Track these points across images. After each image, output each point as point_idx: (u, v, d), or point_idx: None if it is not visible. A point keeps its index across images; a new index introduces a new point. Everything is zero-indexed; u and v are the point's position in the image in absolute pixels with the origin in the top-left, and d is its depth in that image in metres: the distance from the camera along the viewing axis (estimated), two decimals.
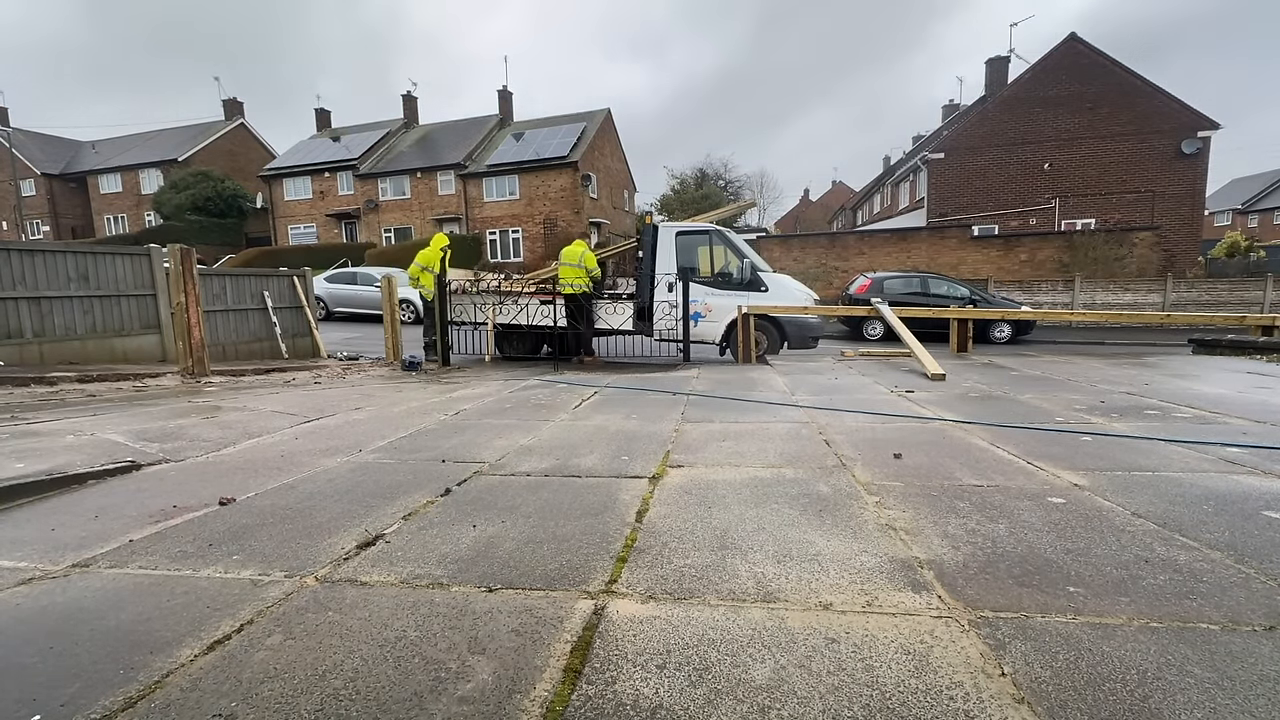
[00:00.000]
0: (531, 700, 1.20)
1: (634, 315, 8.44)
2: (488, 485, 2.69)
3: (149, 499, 2.55)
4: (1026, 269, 18.46)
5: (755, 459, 3.04)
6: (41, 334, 7.00)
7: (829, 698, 1.19)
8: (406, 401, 5.16)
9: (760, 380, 6.05)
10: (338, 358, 9.65)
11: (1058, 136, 20.80)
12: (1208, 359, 7.46)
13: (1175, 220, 19.75)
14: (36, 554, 2.00)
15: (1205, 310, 16.15)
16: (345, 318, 16.02)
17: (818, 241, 21.01)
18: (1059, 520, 2.13)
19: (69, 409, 4.67)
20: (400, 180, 30.62)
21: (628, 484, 2.66)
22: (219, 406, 4.86)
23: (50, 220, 36.77)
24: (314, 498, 2.53)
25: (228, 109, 38.61)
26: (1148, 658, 1.31)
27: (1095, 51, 20.64)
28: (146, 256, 8.05)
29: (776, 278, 8.64)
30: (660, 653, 1.36)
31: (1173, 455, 2.99)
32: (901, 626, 1.45)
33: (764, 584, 1.69)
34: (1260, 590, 1.61)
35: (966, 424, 3.81)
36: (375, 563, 1.87)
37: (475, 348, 9.20)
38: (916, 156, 25.31)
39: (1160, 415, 3.97)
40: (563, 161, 27.92)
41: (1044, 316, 8.80)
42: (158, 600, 1.66)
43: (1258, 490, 2.43)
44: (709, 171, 40.48)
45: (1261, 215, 43.62)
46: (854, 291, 13.76)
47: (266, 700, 1.21)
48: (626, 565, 1.82)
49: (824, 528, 2.09)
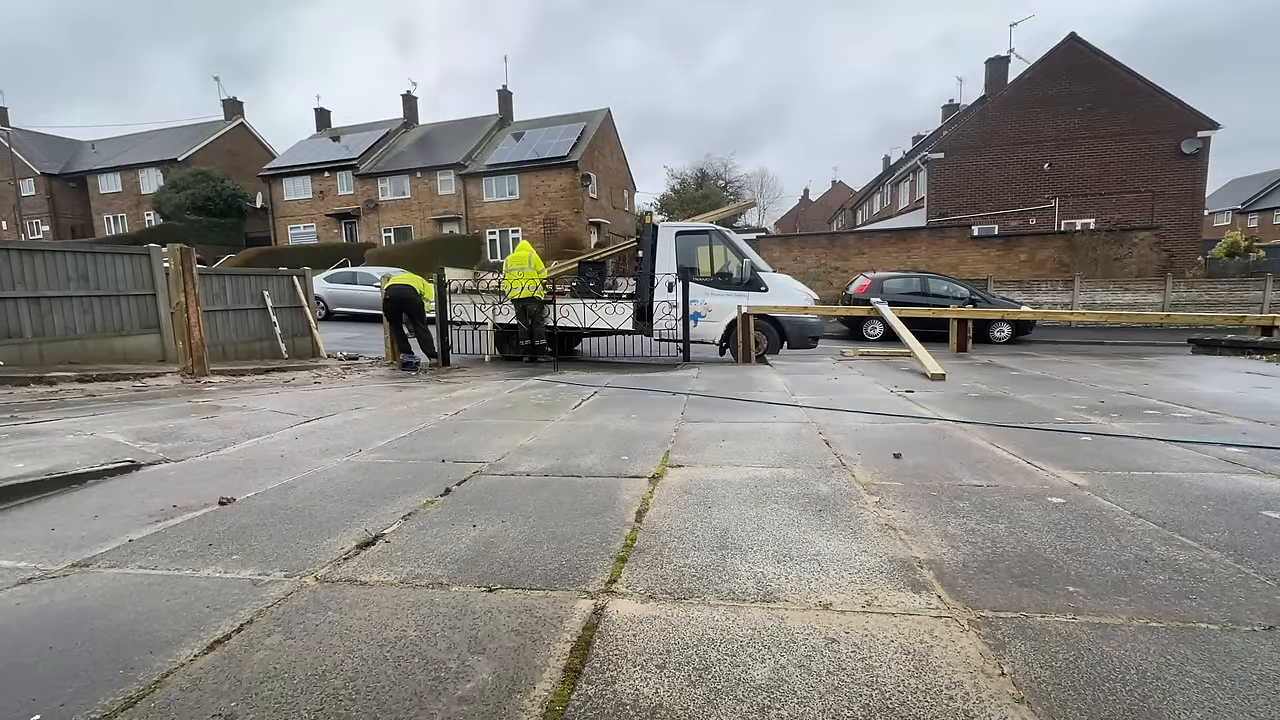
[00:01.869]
0: (531, 700, 1.20)
1: (634, 315, 8.44)
2: (488, 485, 2.69)
3: (149, 499, 2.55)
4: (1026, 269, 18.47)
5: (755, 459, 3.04)
6: (41, 334, 7.00)
7: (829, 698, 1.19)
8: (406, 401, 5.16)
9: (760, 380, 6.05)
10: (337, 357, 9.65)
11: (1057, 136, 20.81)
12: (1207, 359, 7.46)
13: (1175, 220, 19.76)
14: (36, 554, 2.00)
15: (1205, 310, 16.16)
16: (345, 317, 16.02)
17: (818, 241, 21.03)
18: (1059, 520, 2.13)
19: (68, 409, 4.66)
20: (400, 180, 30.62)
21: (628, 484, 2.66)
22: (219, 406, 4.86)
23: (50, 220, 36.76)
24: (314, 497, 2.53)
25: (228, 109, 38.60)
26: (1147, 657, 1.31)
27: (1095, 51, 20.65)
28: (146, 256, 8.05)
29: (776, 278, 8.64)
30: (660, 652, 1.36)
31: (1172, 455, 2.99)
32: (901, 626, 1.45)
33: (764, 584, 1.69)
34: (1260, 590, 1.61)
35: (966, 424, 3.81)
36: (375, 563, 1.87)
37: (475, 348, 9.21)
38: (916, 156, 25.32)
39: (1160, 415, 3.97)
40: (563, 161, 27.93)
41: (1044, 316, 8.79)
42: (157, 600, 1.66)
43: (1258, 490, 2.43)
44: (709, 171, 40.50)
45: (1261, 215, 43.63)
46: (854, 291, 13.77)
47: (266, 700, 1.21)
48: (626, 565, 1.82)
49: (824, 527, 2.09)
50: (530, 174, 28.56)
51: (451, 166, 29.65)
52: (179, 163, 34.18)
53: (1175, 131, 19.93)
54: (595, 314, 8.43)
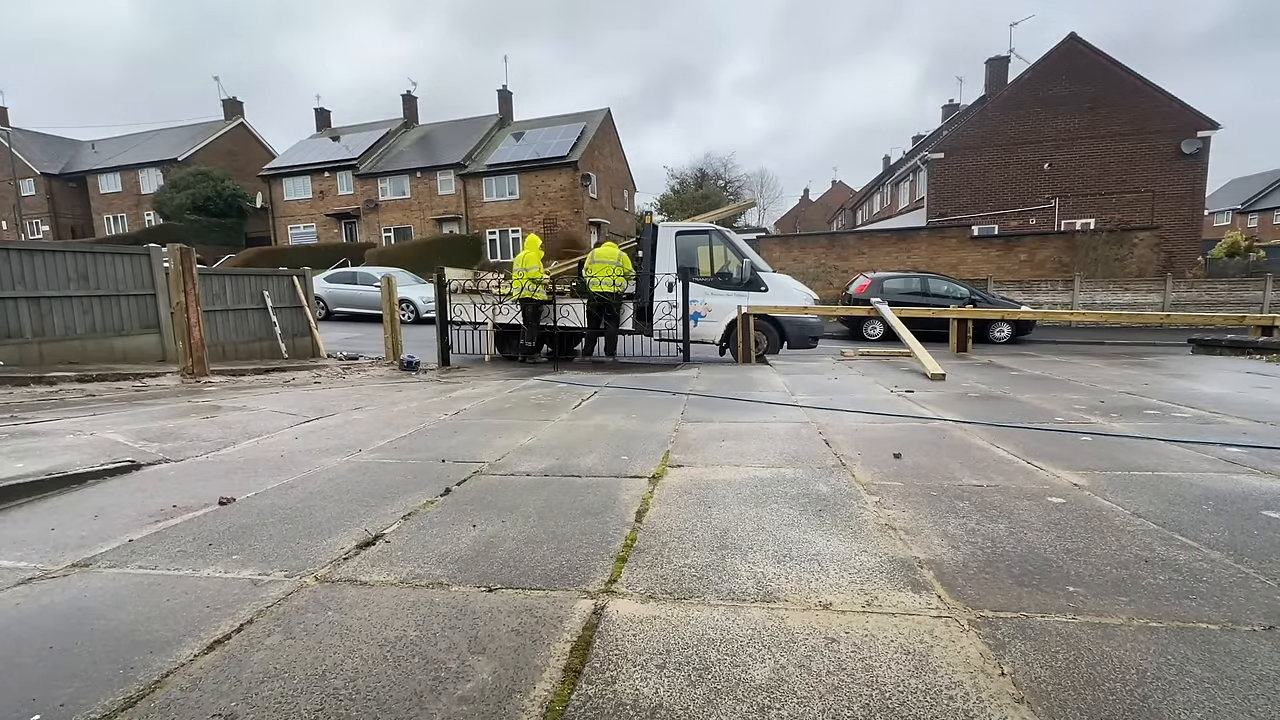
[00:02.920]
0: (531, 700, 1.20)
1: (634, 315, 8.44)
2: (487, 485, 2.69)
3: (149, 499, 2.55)
4: (1026, 269, 18.46)
5: (755, 459, 3.04)
6: (41, 334, 7.00)
7: (829, 697, 1.19)
8: (406, 401, 5.16)
9: (760, 380, 6.05)
10: (337, 357, 9.65)
11: (1057, 136, 20.80)
12: (1207, 359, 7.46)
13: (1175, 220, 19.75)
14: (36, 554, 2.00)
15: (1205, 310, 16.15)
16: (345, 317, 16.02)
17: (818, 241, 21.02)
18: (1059, 520, 2.13)
19: (68, 409, 4.66)
20: (400, 180, 30.61)
21: (628, 484, 2.66)
22: (219, 406, 4.86)
23: (50, 220, 36.75)
24: (314, 497, 2.53)
25: (228, 109, 38.58)
26: (1147, 657, 1.31)
27: (1095, 51, 20.64)
28: (146, 256, 8.05)
29: (776, 278, 8.64)
30: (660, 652, 1.36)
31: (1172, 455, 2.99)
32: (901, 626, 1.45)
33: (764, 584, 1.69)
34: (1260, 590, 1.61)
35: (966, 424, 3.81)
36: (375, 562, 1.87)
37: (475, 348, 9.21)
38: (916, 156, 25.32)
39: (1160, 415, 3.97)
40: (562, 161, 27.91)
41: (1044, 316, 8.79)
42: (157, 600, 1.66)
43: (1257, 490, 2.43)
44: (709, 171, 40.49)
45: (1261, 215, 43.62)
46: (854, 291, 13.76)
47: (266, 700, 1.21)
48: (626, 565, 1.82)
49: (824, 527, 2.09)
50: (530, 174, 28.54)
51: (451, 166, 29.63)
52: (179, 163, 34.17)
53: (1175, 131, 19.92)
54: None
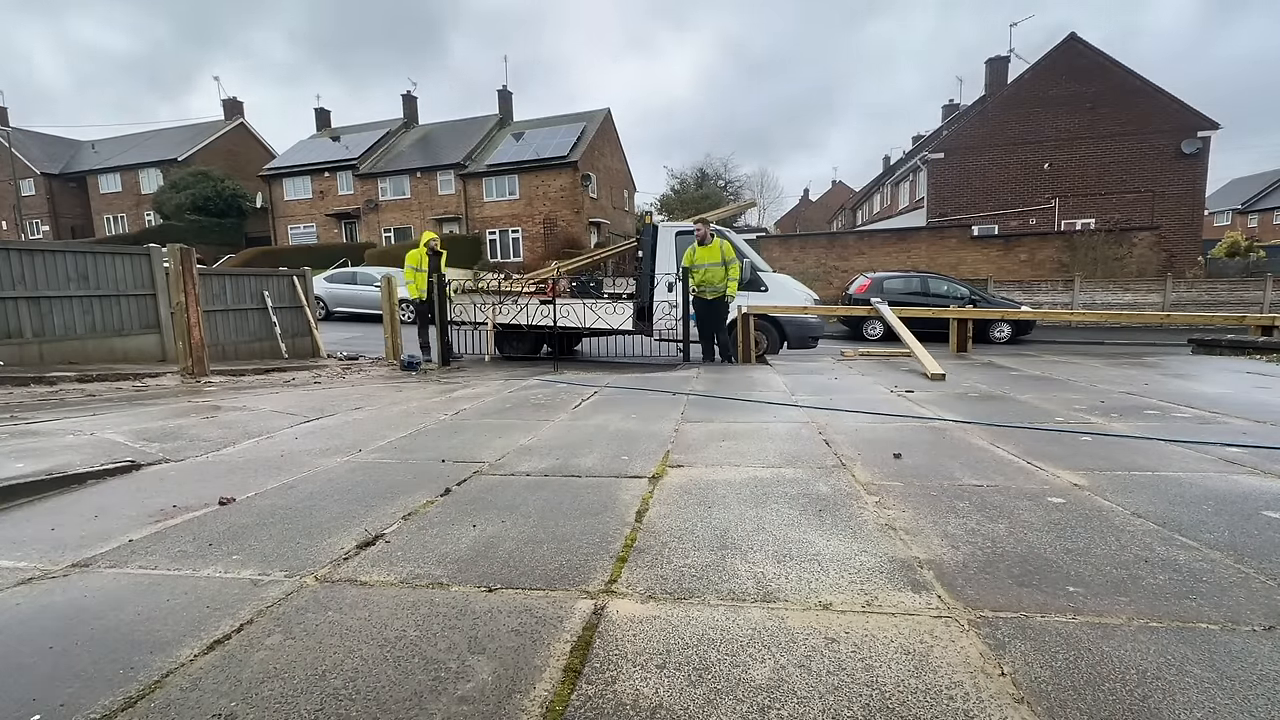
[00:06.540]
0: (531, 700, 1.20)
1: (634, 315, 8.45)
2: (488, 485, 2.69)
3: (149, 499, 2.55)
4: (1026, 269, 18.48)
5: (755, 459, 3.04)
6: (41, 334, 7.00)
7: (829, 698, 1.19)
8: (406, 401, 5.16)
9: (760, 380, 6.05)
10: (337, 357, 9.65)
11: (1057, 136, 20.82)
12: (1207, 359, 7.46)
13: (1175, 220, 19.77)
14: (36, 554, 2.00)
15: (1205, 310, 16.15)
16: (345, 317, 16.02)
17: (818, 241, 21.04)
18: (1059, 520, 2.13)
19: (68, 408, 4.66)
20: (400, 180, 30.62)
21: (627, 484, 2.66)
22: (219, 406, 4.86)
23: (50, 220, 36.76)
24: (314, 497, 2.53)
25: (227, 109, 38.61)
26: (1147, 657, 1.31)
27: (1095, 51, 20.66)
28: (146, 256, 8.05)
29: (776, 278, 8.65)
30: (660, 652, 1.36)
31: (1172, 455, 2.99)
32: (901, 626, 1.45)
33: (764, 584, 1.69)
34: (1260, 590, 1.61)
35: (966, 424, 3.81)
36: (375, 562, 1.87)
37: (475, 348, 9.21)
38: (916, 156, 25.33)
39: (1160, 415, 3.97)
40: (562, 161, 27.92)
41: (1044, 316, 8.79)
42: (157, 600, 1.66)
43: (1258, 490, 2.43)
44: (709, 171, 40.46)
45: (1261, 215, 43.64)
46: (854, 291, 13.77)
47: (266, 700, 1.21)
48: (626, 565, 1.82)
49: (824, 528, 2.09)
50: (530, 174, 28.56)
51: (451, 166, 29.65)
52: (179, 163, 34.19)
53: (1175, 131, 19.94)
54: (595, 314, 8.44)
